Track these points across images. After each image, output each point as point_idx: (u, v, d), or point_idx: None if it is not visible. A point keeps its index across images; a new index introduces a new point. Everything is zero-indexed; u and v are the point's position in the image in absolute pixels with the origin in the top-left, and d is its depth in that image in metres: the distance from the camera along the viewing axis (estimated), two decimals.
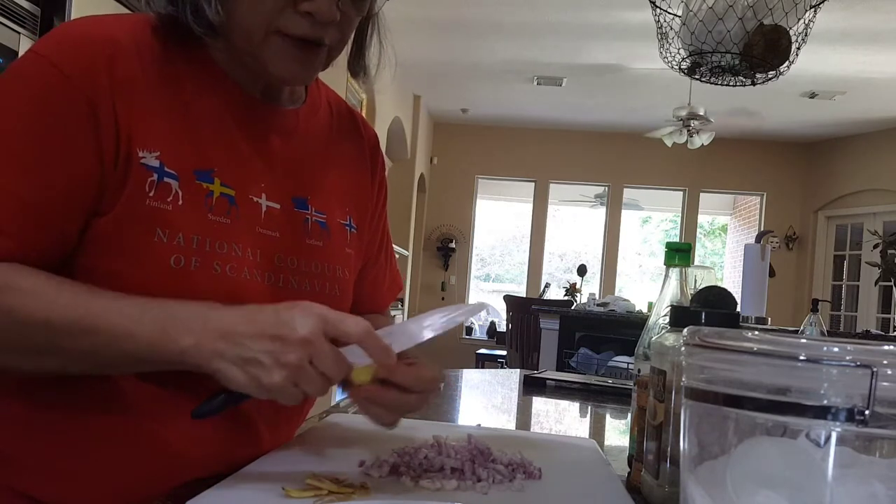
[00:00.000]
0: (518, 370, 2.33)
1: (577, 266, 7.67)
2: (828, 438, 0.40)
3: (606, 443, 1.15)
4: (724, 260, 11.51)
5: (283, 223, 0.85)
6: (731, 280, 9.82)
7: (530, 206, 9.26)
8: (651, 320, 0.83)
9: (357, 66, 0.91)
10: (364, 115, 4.62)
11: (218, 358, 0.66)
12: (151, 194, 0.73)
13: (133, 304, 0.69)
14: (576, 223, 11.95)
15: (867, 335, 4.24)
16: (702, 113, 6.44)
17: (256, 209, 0.81)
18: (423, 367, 0.78)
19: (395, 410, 0.76)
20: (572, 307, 5.40)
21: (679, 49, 3.63)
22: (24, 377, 0.77)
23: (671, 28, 3.61)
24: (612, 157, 8.99)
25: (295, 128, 0.89)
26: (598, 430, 1.36)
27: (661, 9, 3.60)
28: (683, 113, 6.42)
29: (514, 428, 1.25)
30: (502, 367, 6.55)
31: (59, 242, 0.73)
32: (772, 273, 3.28)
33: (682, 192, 9.15)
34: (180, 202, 0.75)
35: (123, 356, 0.69)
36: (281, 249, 0.84)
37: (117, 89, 0.73)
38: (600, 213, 9.50)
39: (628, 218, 9.83)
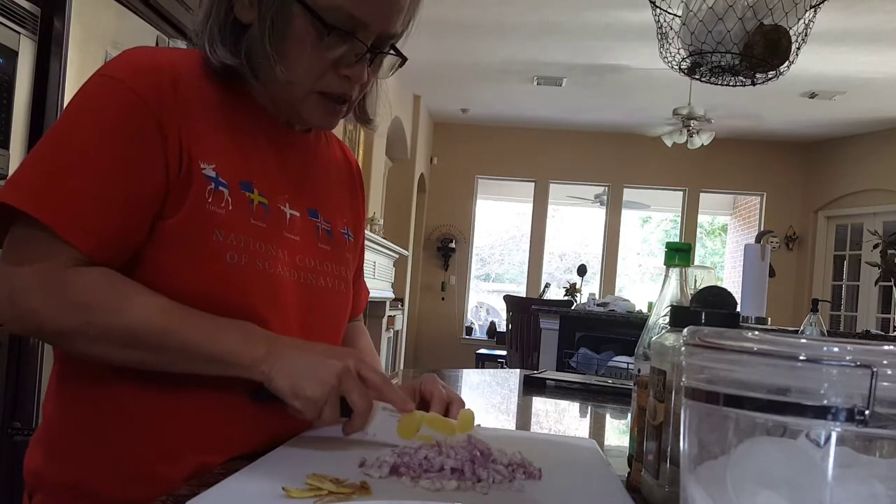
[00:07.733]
0: (518, 370, 2.33)
1: (577, 266, 7.67)
2: (828, 438, 0.40)
3: (606, 443, 1.15)
4: (724, 260, 11.51)
5: (302, 229, 0.97)
6: (731, 280, 9.82)
7: (530, 206, 9.26)
8: (651, 320, 0.83)
9: (364, 117, 1.05)
10: None
11: (276, 366, 0.79)
12: (210, 200, 0.85)
13: (217, 317, 0.83)
14: (576, 223, 11.94)
15: (867, 335, 4.24)
16: (702, 113, 6.44)
17: (283, 216, 0.94)
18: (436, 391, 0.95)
19: None
20: (572, 307, 5.40)
21: (679, 49, 3.63)
22: (68, 369, 0.89)
23: (671, 28, 3.61)
24: (612, 157, 8.99)
25: (307, 150, 1.03)
26: (598, 430, 1.36)
27: (661, 9, 3.60)
28: (683, 113, 6.43)
29: (514, 428, 1.25)
30: (502, 367, 6.56)
31: (132, 242, 0.84)
32: (772, 273, 3.28)
33: (682, 192, 9.15)
34: (230, 208, 0.87)
35: (202, 356, 0.81)
36: (301, 251, 0.96)
37: (180, 109, 0.84)
38: (600, 213, 9.50)
39: (628, 218, 9.83)
